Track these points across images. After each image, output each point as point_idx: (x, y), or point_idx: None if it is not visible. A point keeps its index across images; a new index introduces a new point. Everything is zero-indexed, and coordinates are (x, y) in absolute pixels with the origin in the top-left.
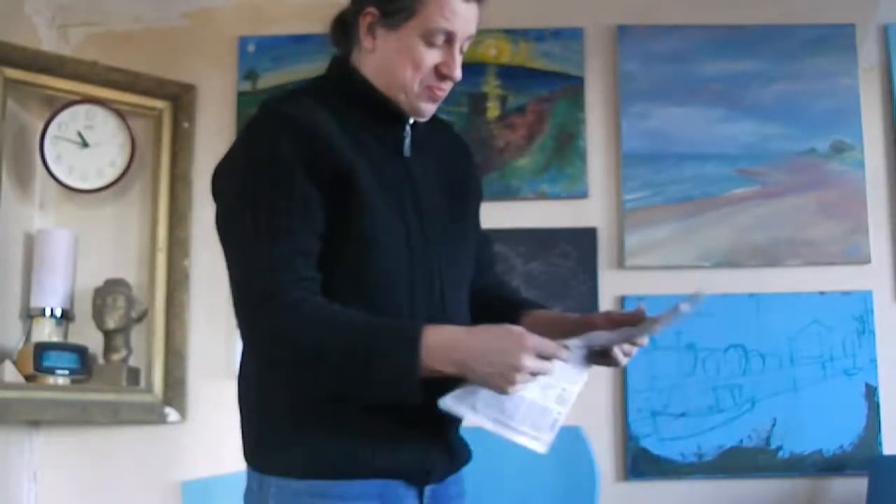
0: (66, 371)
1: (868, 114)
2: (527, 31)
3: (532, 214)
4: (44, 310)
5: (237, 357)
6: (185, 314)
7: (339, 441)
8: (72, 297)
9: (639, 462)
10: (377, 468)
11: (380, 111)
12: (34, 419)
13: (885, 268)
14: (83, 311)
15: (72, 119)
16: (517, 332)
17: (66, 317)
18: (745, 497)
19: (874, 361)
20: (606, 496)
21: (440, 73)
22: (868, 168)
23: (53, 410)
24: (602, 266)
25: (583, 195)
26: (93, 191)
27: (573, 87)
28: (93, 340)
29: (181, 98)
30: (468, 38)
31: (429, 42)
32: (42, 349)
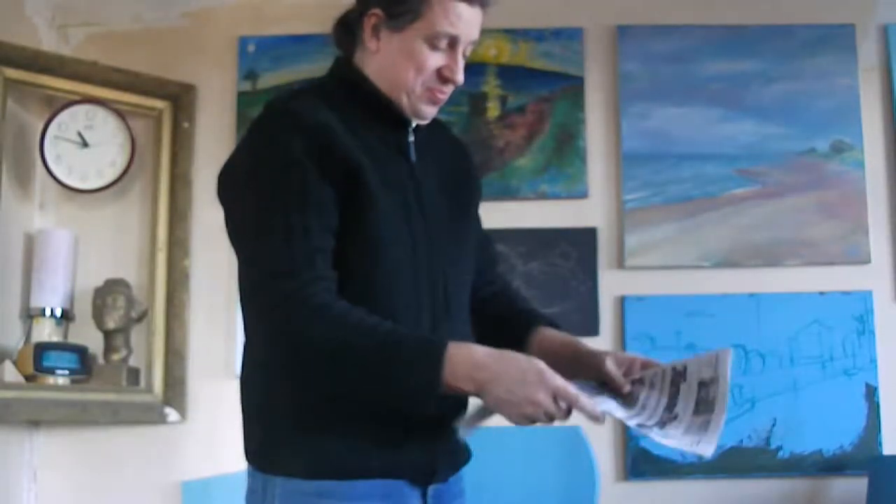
0: (66, 371)
1: (868, 114)
2: (527, 31)
3: (532, 214)
4: (44, 310)
5: (237, 357)
6: (185, 314)
7: (344, 441)
8: (72, 297)
9: (639, 462)
10: (382, 468)
11: (383, 112)
12: (34, 419)
13: (885, 268)
14: (83, 311)
15: (72, 119)
16: (541, 369)
17: (66, 317)
18: (745, 497)
19: (874, 361)
20: (606, 496)
21: (442, 76)
22: (868, 168)
23: (53, 410)
24: (602, 266)
25: (583, 195)
26: (93, 191)
27: (573, 87)
28: (93, 340)
29: (181, 98)
30: (471, 43)
31: (432, 45)
32: (42, 349)
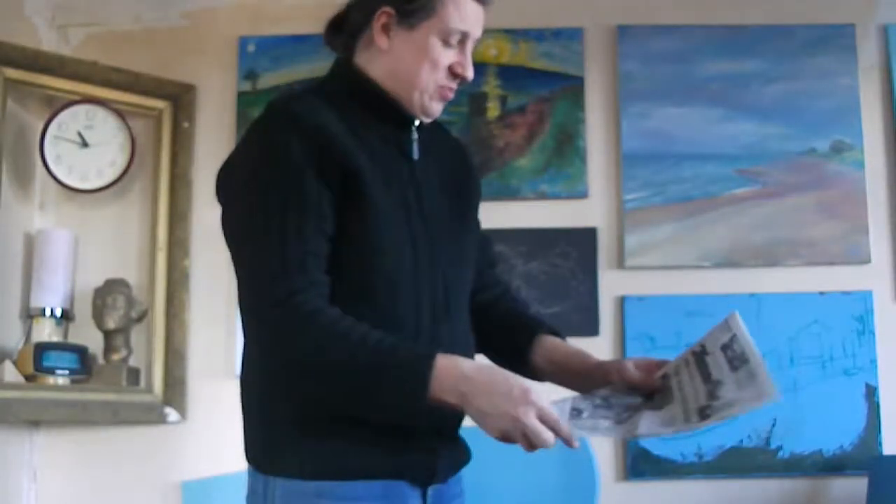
0: (66, 371)
1: (868, 114)
2: (527, 31)
3: (532, 214)
4: (44, 310)
5: (237, 357)
6: (185, 314)
7: (345, 442)
8: (72, 297)
9: (639, 462)
10: (382, 469)
11: (386, 112)
12: (34, 419)
13: (885, 268)
14: (83, 311)
15: (72, 119)
16: (527, 387)
17: (66, 317)
18: (745, 497)
19: (874, 361)
20: (606, 496)
21: (453, 73)
22: (868, 168)
23: (53, 410)
24: (602, 266)
25: (583, 195)
26: (93, 191)
27: (573, 87)
28: (93, 340)
29: (181, 98)
30: (476, 41)
31: (445, 42)
32: (42, 349)
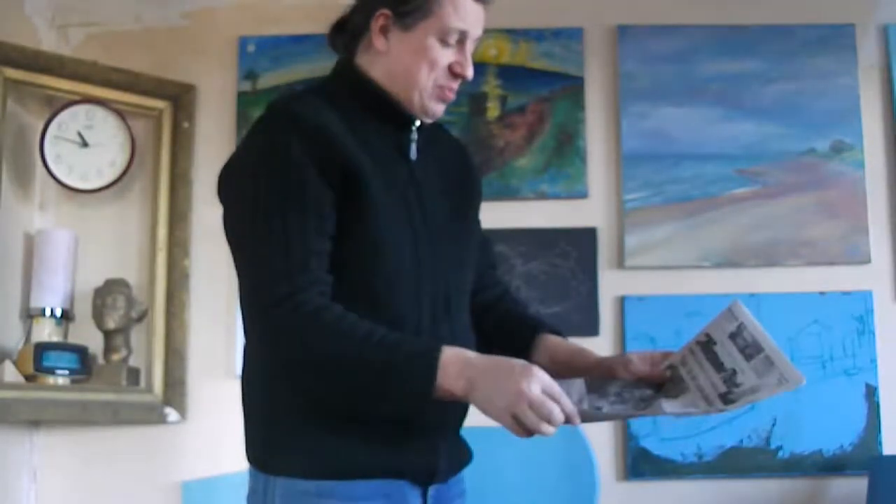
0: (66, 371)
1: (868, 114)
2: (527, 31)
3: (532, 214)
4: (44, 310)
5: (237, 357)
6: (185, 314)
7: (346, 441)
8: (72, 297)
9: (639, 462)
10: (383, 468)
11: (387, 113)
12: (34, 419)
13: (885, 268)
14: (83, 311)
15: (72, 119)
16: (531, 365)
17: (66, 317)
18: (745, 497)
19: (874, 361)
20: (606, 496)
21: (453, 72)
22: (868, 168)
23: (53, 410)
24: (602, 266)
25: (583, 195)
26: (93, 191)
27: (573, 87)
28: (93, 340)
29: (181, 98)
30: (476, 40)
31: (443, 41)
32: (42, 349)
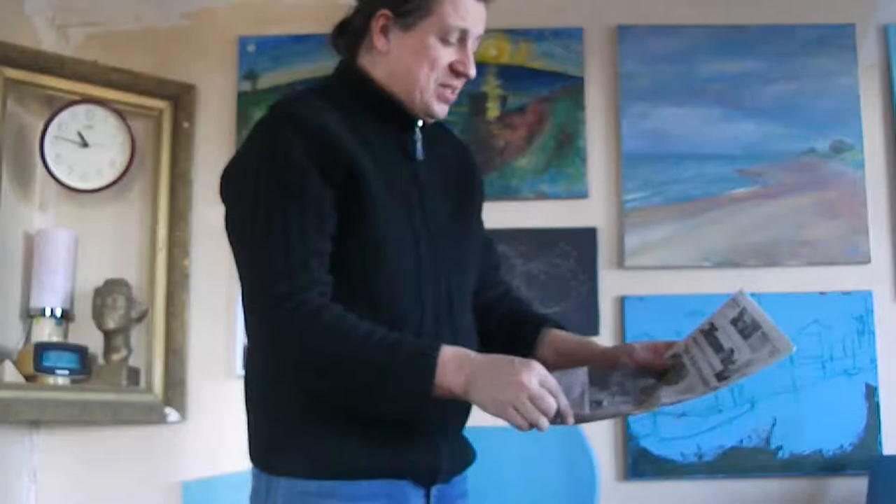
0: (66, 371)
1: (868, 114)
2: (527, 31)
3: (532, 214)
4: (44, 310)
5: (237, 357)
6: (185, 314)
7: (349, 441)
8: (72, 297)
9: (639, 462)
10: (386, 468)
11: (389, 114)
12: (34, 419)
13: (885, 268)
14: (83, 311)
15: (72, 119)
16: (530, 360)
17: (66, 317)
18: (745, 497)
19: (874, 361)
20: (606, 496)
21: (455, 71)
22: (868, 168)
23: (53, 410)
24: (602, 266)
25: (583, 195)
26: (93, 191)
27: (573, 87)
28: (93, 340)
29: (181, 98)
30: (478, 38)
31: (444, 40)
32: (42, 349)
